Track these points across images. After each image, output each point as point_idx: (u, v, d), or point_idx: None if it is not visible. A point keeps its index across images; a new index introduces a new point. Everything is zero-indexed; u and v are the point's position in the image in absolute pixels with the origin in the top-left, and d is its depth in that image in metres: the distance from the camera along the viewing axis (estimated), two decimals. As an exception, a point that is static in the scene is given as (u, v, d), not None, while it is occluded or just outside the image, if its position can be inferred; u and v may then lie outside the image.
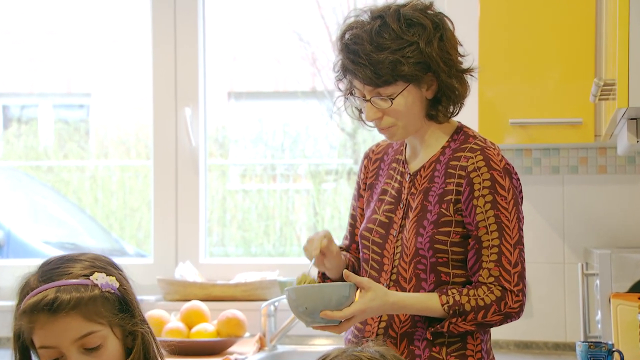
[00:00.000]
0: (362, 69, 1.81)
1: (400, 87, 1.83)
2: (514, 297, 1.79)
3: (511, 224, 1.81)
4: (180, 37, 3.09)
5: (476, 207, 1.80)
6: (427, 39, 1.82)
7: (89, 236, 3.66)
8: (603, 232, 2.74)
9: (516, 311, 1.80)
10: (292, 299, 1.78)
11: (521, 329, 2.75)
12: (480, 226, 1.80)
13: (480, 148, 1.85)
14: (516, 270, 1.80)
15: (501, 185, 1.81)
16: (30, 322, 1.41)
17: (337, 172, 3.50)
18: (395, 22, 1.82)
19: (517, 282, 1.80)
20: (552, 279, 2.76)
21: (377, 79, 1.81)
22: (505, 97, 2.54)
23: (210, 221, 3.27)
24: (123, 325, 1.45)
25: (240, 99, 3.60)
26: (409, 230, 1.87)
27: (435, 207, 1.84)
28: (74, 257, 1.48)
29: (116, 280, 1.46)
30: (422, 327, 1.84)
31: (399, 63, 1.80)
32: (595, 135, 2.50)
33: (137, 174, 3.55)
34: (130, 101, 3.57)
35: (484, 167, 1.82)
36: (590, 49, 2.49)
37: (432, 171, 1.88)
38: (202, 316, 2.80)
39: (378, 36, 1.81)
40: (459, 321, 1.79)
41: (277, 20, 3.39)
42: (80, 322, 1.41)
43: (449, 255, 1.83)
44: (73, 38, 3.59)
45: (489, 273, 1.80)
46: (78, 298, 1.41)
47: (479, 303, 1.78)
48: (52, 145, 3.66)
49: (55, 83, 3.68)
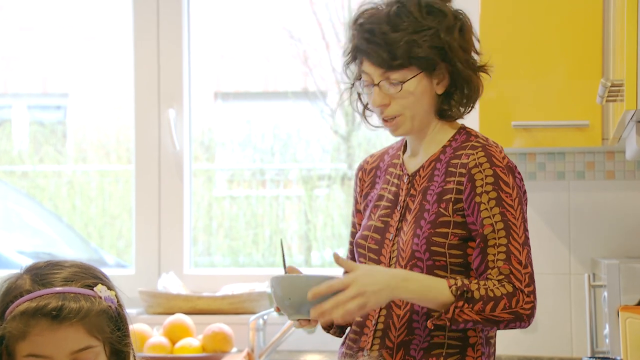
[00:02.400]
0: (376, 48, 1.84)
1: (412, 73, 1.85)
2: (525, 298, 1.77)
3: (517, 222, 1.82)
4: (164, 33, 3.10)
5: (480, 204, 1.81)
6: (447, 26, 1.86)
7: (66, 245, 3.66)
8: (611, 241, 2.75)
9: (527, 314, 1.77)
10: (276, 290, 1.79)
11: (525, 344, 2.77)
12: (486, 224, 1.81)
13: (481, 145, 1.87)
14: (527, 271, 1.79)
15: (505, 182, 1.83)
16: (27, 327, 1.39)
17: (330, 178, 3.51)
18: (415, 6, 1.86)
19: (528, 283, 1.79)
20: (557, 291, 2.77)
21: (391, 59, 1.84)
22: (507, 98, 2.56)
23: (195, 229, 3.28)
24: (114, 344, 1.46)
25: (227, 99, 3.61)
26: (406, 232, 1.88)
27: (434, 206, 1.86)
28: (64, 263, 1.48)
29: (115, 296, 1.47)
30: (420, 335, 1.84)
31: (415, 44, 1.83)
32: (602, 139, 2.52)
33: (117, 179, 3.55)
34: (111, 102, 3.57)
35: (486, 163, 1.83)
36: (597, 48, 2.50)
37: (432, 170, 1.90)
38: (186, 330, 2.80)
39: (396, 17, 1.85)
40: (465, 307, 1.75)
41: (267, 16, 3.40)
42: (81, 335, 1.41)
43: (447, 259, 1.84)
44: (49, 34, 3.59)
45: (499, 271, 1.78)
46: (87, 309, 1.41)
47: (489, 294, 1.76)
48: (26, 149, 3.66)
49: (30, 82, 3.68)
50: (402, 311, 1.87)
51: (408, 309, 1.86)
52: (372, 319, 1.90)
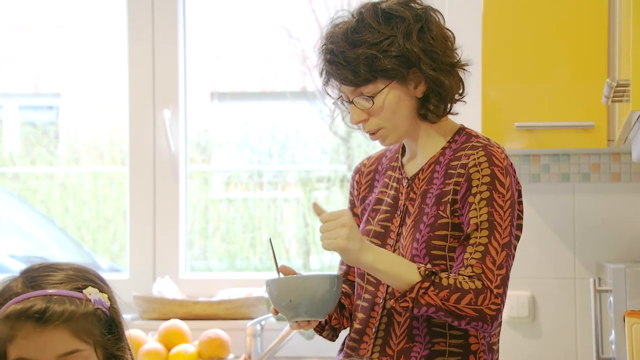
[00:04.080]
0: (338, 69, 1.85)
1: (381, 85, 1.85)
2: (493, 298, 1.77)
3: (504, 223, 1.81)
4: (159, 31, 3.11)
5: (471, 204, 1.81)
6: (405, 31, 1.85)
7: (58, 249, 3.66)
8: (617, 245, 2.75)
9: (492, 315, 1.76)
10: (272, 293, 1.80)
11: (528, 350, 2.77)
12: (472, 223, 1.81)
13: (482, 145, 1.87)
14: (500, 273, 1.78)
15: (501, 183, 1.82)
16: (13, 330, 1.41)
17: (330, 180, 3.51)
18: (372, 16, 1.86)
19: (498, 285, 1.78)
20: (561, 296, 2.78)
21: (355, 77, 1.84)
22: (510, 98, 2.56)
23: (191, 233, 3.28)
24: (107, 348, 1.46)
25: (224, 99, 3.61)
26: (405, 237, 1.88)
27: (432, 209, 1.86)
28: (61, 266, 1.49)
29: (108, 299, 1.48)
30: (421, 342, 1.84)
31: (376, 58, 1.83)
32: (608, 140, 2.52)
33: (111, 181, 3.55)
34: (104, 102, 3.57)
35: (485, 163, 1.83)
36: (603, 47, 2.51)
37: (431, 172, 1.90)
38: (182, 336, 2.80)
39: (354, 33, 1.85)
40: (430, 290, 1.75)
41: (265, 14, 3.41)
42: (67, 338, 1.42)
43: (447, 262, 1.84)
44: (41, 33, 3.59)
45: (472, 270, 1.78)
46: (71, 312, 1.42)
47: (457, 285, 1.76)
48: (18, 151, 3.66)
49: (22, 82, 3.68)
50: (402, 318, 1.87)
51: (408, 316, 1.86)
52: (372, 326, 1.90)
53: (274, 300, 1.81)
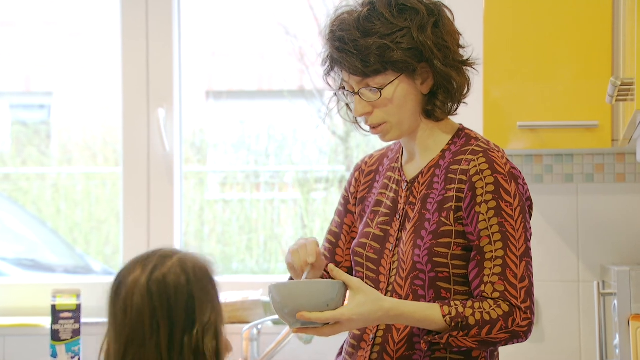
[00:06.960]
0: (348, 57, 1.84)
1: (390, 77, 1.85)
2: (522, 315, 1.80)
3: (517, 233, 1.82)
4: (153, 29, 3.12)
5: (479, 214, 1.82)
6: (419, 23, 1.85)
7: (50, 252, 3.67)
8: (621, 247, 2.76)
9: (524, 331, 1.80)
10: (275, 298, 1.80)
11: (531, 355, 2.78)
12: (483, 235, 1.82)
13: (482, 150, 1.87)
14: (523, 285, 1.81)
15: (506, 191, 1.83)
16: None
17: (328, 180, 3.52)
18: (385, 7, 1.86)
19: (524, 299, 1.81)
20: (565, 299, 2.79)
21: (364, 67, 1.84)
22: (513, 97, 2.57)
23: (186, 234, 3.29)
24: None
25: (219, 98, 3.62)
26: (406, 242, 1.88)
27: (434, 215, 1.86)
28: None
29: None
30: (421, 350, 1.85)
31: (388, 48, 1.83)
32: (612, 140, 2.53)
33: (104, 182, 3.56)
34: (97, 101, 3.58)
35: (487, 170, 1.84)
36: (607, 45, 2.52)
37: (431, 177, 1.90)
38: (177, 340, 2.81)
39: (366, 21, 1.85)
40: (460, 335, 1.78)
41: (261, 11, 3.42)
42: None
43: (450, 270, 1.85)
44: (32, 30, 3.60)
45: (493, 288, 1.80)
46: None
47: (485, 317, 1.78)
48: (8, 150, 3.67)
49: (12, 80, 3.69)
50: (401, 325, 1.87)
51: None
52: (369, 333, 1.91)
53: (276, 307, 1.81)
